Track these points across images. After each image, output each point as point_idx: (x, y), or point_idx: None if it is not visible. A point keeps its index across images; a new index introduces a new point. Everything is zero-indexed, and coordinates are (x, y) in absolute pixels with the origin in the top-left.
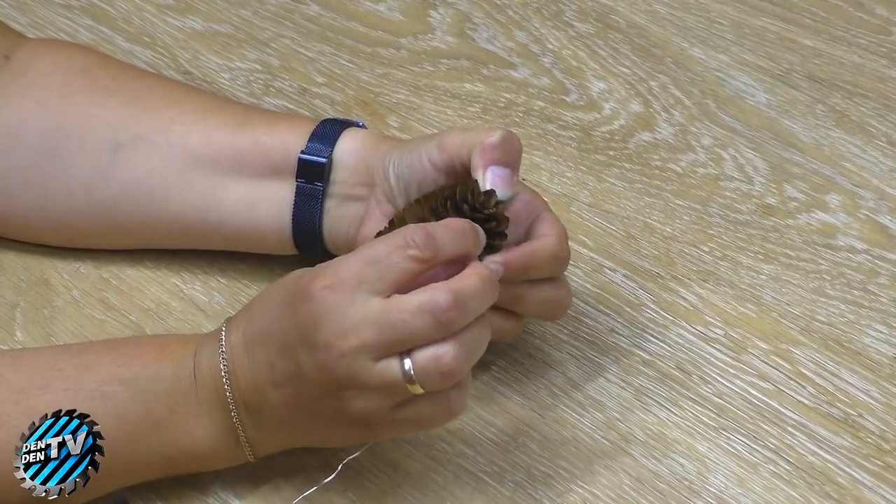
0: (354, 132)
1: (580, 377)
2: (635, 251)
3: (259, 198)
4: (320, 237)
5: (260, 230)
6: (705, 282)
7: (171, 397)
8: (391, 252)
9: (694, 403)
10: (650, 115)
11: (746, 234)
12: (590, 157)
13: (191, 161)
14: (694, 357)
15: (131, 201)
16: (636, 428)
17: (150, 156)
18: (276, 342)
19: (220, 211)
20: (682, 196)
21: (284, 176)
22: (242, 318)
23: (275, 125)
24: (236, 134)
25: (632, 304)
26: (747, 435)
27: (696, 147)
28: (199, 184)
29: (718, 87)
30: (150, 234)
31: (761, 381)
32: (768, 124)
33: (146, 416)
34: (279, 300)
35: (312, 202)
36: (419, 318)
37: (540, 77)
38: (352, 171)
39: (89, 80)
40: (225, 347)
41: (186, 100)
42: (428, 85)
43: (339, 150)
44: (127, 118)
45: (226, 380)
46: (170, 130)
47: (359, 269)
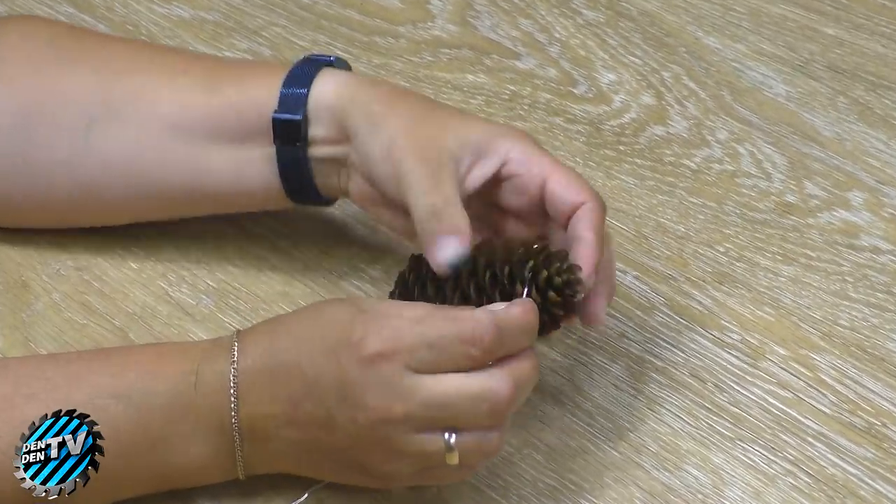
0: (327, 79)
1: (589, 385)
2: (647, 252)
3: (243, 161)
4: (314, 190)
5: (251, 192)
6: (721, 284)
7: (167, 414)
8: (453, 341)
9: (709, 412)
10: (663, 107)
11: (764, 233)
12: (599, 152)
13: (166, 130)
14: (709, 364)
15: (113, 176)
16: (648, 438)
17: (125, 128)
18: (307, 383)
19: (205, 179)
20: (696, 194)
21: (263, 136)
22: (264, 339)
23: (244, 80)
24: (207, 97)
25: (643, 308)
26: (765, 446)
27: (712, 142)
28: (179, 153)
29: (735, 78)
30: (137, 207)
31: (780, 388)
32: (787, 117)
33: (139, 432)
34: (319, 341)
35: (297, 162)
36: (475, 405)
37: (546, 68)
38: (328, 127)
39: (55, 52)
40: (237, 367)
41: (153, 62)
42: (428, 76)
43: (311, 106)
44: (96, 89)
45: (233, 404)
46: (140, 99)
47: (414, 345)
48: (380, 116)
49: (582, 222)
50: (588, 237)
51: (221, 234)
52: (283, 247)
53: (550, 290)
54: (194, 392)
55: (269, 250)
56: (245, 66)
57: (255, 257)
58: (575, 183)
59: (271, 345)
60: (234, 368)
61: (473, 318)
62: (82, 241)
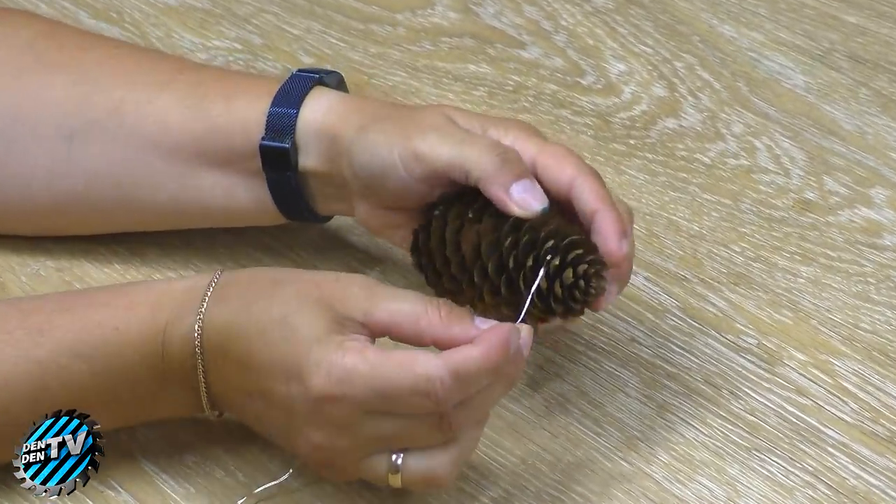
0: (314, 107)
1: (597, 392)
2: (658, 251)
3: (234, 184)
4: (310, 209)
5: (243, 212)
6: (736, 286)
7: (134, 375)
8: (405, 393)
9: (723, 421)
10: (675, 99)
11: (782, 232)
12: (608, 146)
13: (151, 149)
14: (724, 369)
15: (97, 193)
16: (659, 448)
17: (108, 143)
18: (261, 388)
19: (196, 199)
20: (710, 190)
21: (251, 161)
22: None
23: (231, 101)
24: (192, 118)
25: (655, 311)
26: (783, 456)
27: (727, 135)
28: (167, 174)
29: (751, 68)
30: (122, 220)
31: (798, 396)
32: (806, 110)
33: (106, 392)
34: (279, 349)
35: (290, 190)
36: (414, 399)
37: (552, 57)
38: (319, 160)
39: (35, 56)
40: (201, 337)
41: (138, 73)
42: (427, 66)
43: (302, 127)
44: (77, 100)
45: (201, 373)
46: (122, 114)
47: (365, 394)
48: (376, 128)
49: (584, 194)
50: (599, 207)
51: (211, 234)
52: (275, 248)
53: (567, 287)
54: (161, 354)
55: (261, 251)
56: (232, 80)
57: (246, 258)
58: (566, 158)
59: (239, 321)
60: (198, 334)
61: (427, 370)
62: (63, 241)
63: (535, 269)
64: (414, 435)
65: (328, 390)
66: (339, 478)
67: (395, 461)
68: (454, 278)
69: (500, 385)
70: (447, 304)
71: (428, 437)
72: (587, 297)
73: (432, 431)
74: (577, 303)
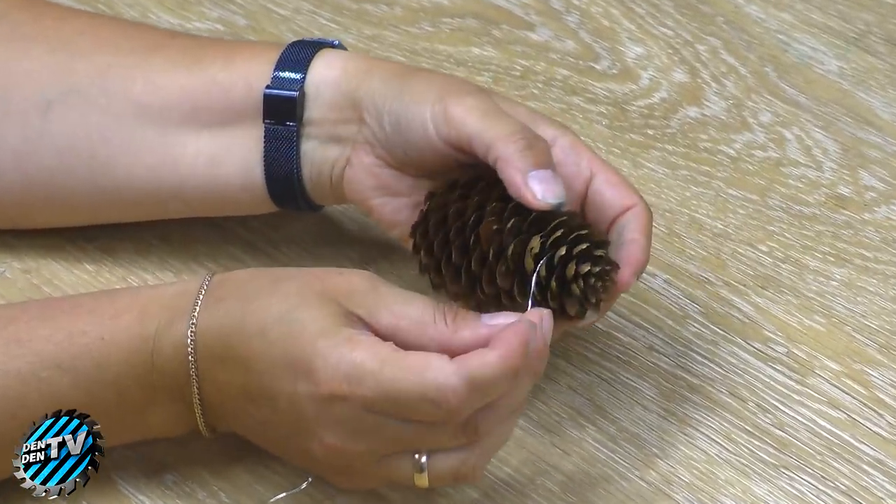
0: (331, 56)
1: (612, 405)
2: (679, 252)
3: (222, 149)
4: (300, 187)
5: (228, 188)
6: (764, 289)
7: (121, 387)
8: (414, 398)
9: (750, 436)
10: (697, 86)
11: (814, 230)
12: (624, 137)
13: (135, 114)
14: (750, 380)
15: (70, 169)
16: (680, 467)
17: (87, 112)
18: (262, 388)
19: (177, 171)
20: (735, 185)
21: (249, 119)
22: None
23: (233, 57)
24: (187, 75)
25: (675, 317)
26: (814, 474)
27: (754, 125)
28: (148, 141)
29: (780, 52)
30: (96, 206)
31: (831, 408)
32: (840, 98)
33: (90, 408)
34: (282, 346)
35: (286, 146)
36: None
37: (564, 40)
38: (331, 106)
39: (9, 26)
40: (195, 341)
41: (124, 39)
42: (427, 49)
43: (313, 80)
44: (56, 69)
45: (194, 379)
46: (106, 79)
47: (373, 394)
48: (416, 78)
49: (633, 224)
50: (640, 240)
51: (189, 231)
52: (260, 246)
53: (573, 286)
54: (150, 364)
55: (244, 250)
56: (231, 43)
57: (227, 257)
58: (625, 184)
59: (235, 323)
60: (192, 340)
61: (438, 378)
62: (29, 240)
63: (540, 255)
64: (435, 439)
65: (336, 387)
66: (358, 485)
67: (419, 460)
68: (454, 266)
69: (526, 379)
70: (454, 310)
71: (451, 441)
72: (598, 290)
73: (455, 436)
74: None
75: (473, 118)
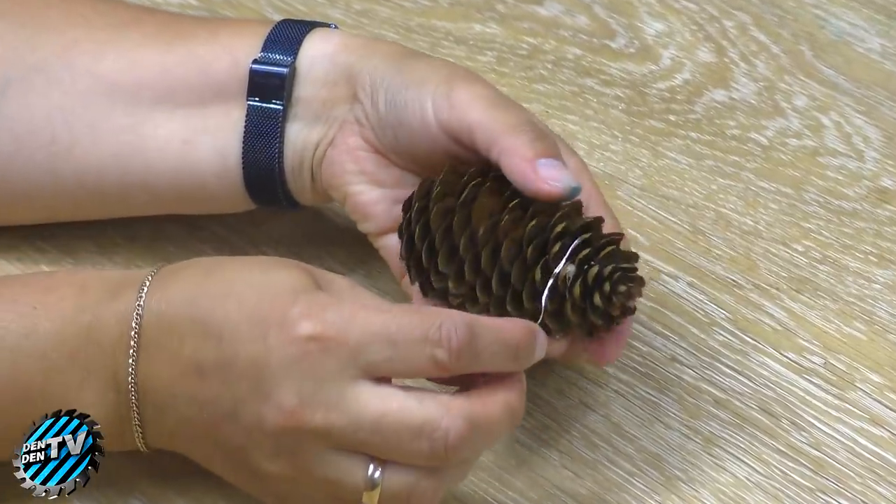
0: (328, 32)
1: (630, 423)
2: (704, 252)
3: (197, 131)
4: (281, 177)
5: (199, 176)
6: (799, 293)
7: (48, 362)
8: (416, 342)
9: (783, 457)
10: (724, 66)
11: (854, 227)
12: (643, 123)
13: (104, 92)
14: (783, 395)
15: (26, 155)
16: (705, 491)
17: (48, 92)
18: (221, 356)
19: (144, 156)
20: (767, 177)
21: (231, 97)
22: (190, 281)
23: (217, 31)
24: (165, 50)
25: (700, 324)
26: (853, 499)
27: (787, 110)
28: (115, 122)
29: (816, 28)
30: (56, 199)
31: (873, 426)
32: (883, 80)
33: (13, 383)
34: (251, 304)
35: (269, 128)
36: (414, 442)
37: (576, 15)
38: (325, 82)
39: None
40: (143, 308)
41: (96, 14)
42: (423, 25)
43: (306, 53)
44: (19, 45)
45: (132, 356)
46: (73, 55)
47: (366, 340)
48: (420, 59)
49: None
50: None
51: (158, 229)
52: (238, 245)
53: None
54: (86, 337)
55: (219, 249)
56: (215, 19)
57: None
58: (614, 222)
59: (196, 289)
60: (139, 307)
61: (443, 314)
62: None
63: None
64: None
65: (317, 330)
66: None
67: (373, 475)
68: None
69: None
70: None
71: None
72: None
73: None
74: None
75: (479, 106)
